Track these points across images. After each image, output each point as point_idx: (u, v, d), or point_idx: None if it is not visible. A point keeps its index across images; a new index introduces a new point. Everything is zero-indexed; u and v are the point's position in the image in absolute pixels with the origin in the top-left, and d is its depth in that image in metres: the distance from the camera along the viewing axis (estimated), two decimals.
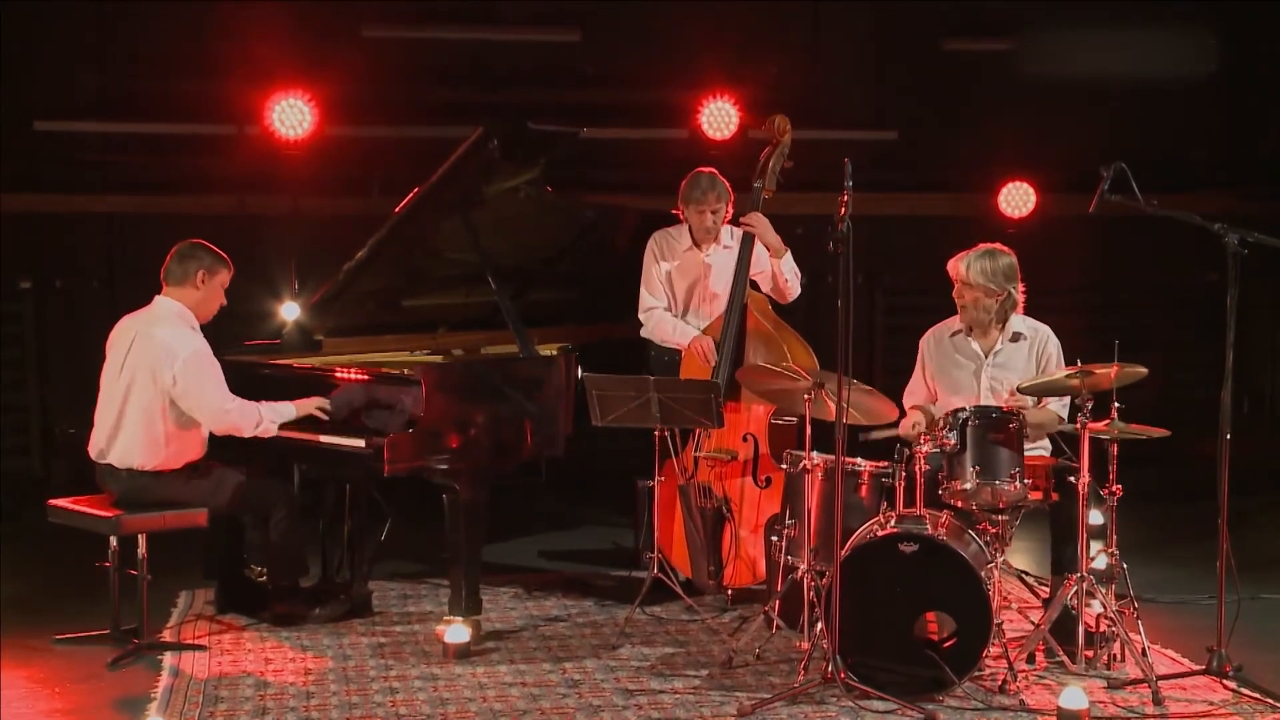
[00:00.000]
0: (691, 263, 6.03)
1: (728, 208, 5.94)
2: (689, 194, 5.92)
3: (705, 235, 5.96)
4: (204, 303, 5.43)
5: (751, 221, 5.85)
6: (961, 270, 5.37)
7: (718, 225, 5.94)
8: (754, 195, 5.90)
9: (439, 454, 5.36)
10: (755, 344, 5.82)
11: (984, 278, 5.33)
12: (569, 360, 5.81)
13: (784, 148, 5.91)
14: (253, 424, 5.35)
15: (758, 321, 5.85)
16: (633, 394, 5.43)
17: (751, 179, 5.92)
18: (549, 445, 5.69)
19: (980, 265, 5.34)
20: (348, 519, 5.88)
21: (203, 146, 8.27)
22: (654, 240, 6.07)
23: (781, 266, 5.92)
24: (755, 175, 5.92)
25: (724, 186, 5.92)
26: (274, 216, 8.30)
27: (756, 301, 5.91)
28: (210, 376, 5.33)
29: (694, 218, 5.93)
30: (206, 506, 5.36)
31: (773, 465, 5.71)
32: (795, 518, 5.20)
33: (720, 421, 5.45)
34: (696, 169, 5.98)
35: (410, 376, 5.44)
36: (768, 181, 5.90)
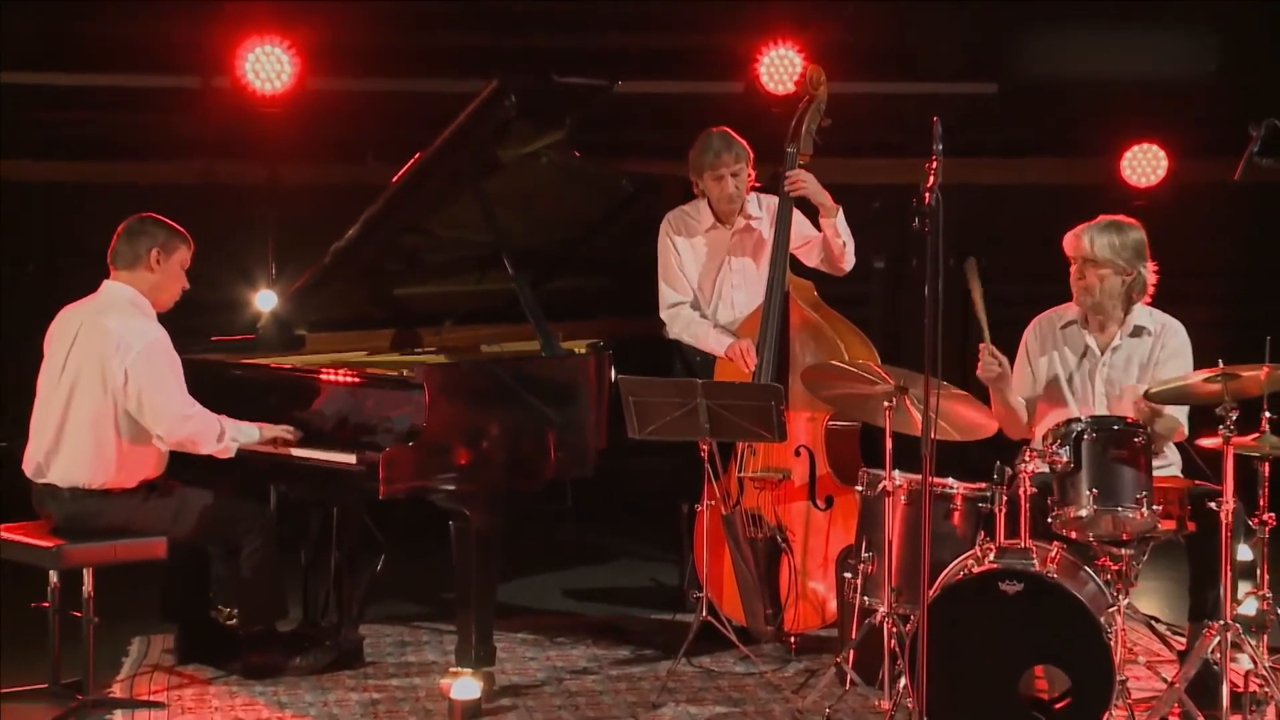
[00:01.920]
0: (716, 243, 6.07)
1: (749, 169, 5.98)
2: (701, 159, 5.98)
3: (728, 206, 6.00)
4: (161, 287, 5.46)
5: (799, 181, 5.88)
6: (1084, 245, 5.34)
7: (741, 191, 5.98)
8: (787, 160, 5.94)
9: (445, 472, 5.39)
10: (803, 339, 5.83)
11: (1111, 252, 5.30)
12: (600, 360, 5.83)
13: (819, 104, 5.95)
14: (214, 437, 5.37)
15: (803, 312, 5.87)
16: (677, 400, 5.44)
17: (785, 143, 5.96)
18: (576, 463, 5.71)
19: (1107, 238, 5.32)
20: (335, 550, 5.92)
21: (160, 102, 8.35)
22: (668, 222, 6.11)
23: (836, 226, 5.96)
24: (787, 138, 5.97)
25: (740, 145, 5.97)
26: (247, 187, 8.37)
27: (800, 287, 5.94)
28: (169, 374, 5.36)
29: (712, 186, 5.99)
30: (166, 534, 5.39)
31: (834, 482, 5.72)
32: (873, 550, 5.19)
33: (783, 433, 5.45)
34: (705, 130, 6.03)
35: (410, 379, 5.47)
36: (802, 144, 5.94)
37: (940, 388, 4.86)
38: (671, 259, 6.06)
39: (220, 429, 5.37)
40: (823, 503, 5.74)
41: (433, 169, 5.82)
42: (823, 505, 5.74)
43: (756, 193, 6.07)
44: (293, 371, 5.89)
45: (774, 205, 5.99)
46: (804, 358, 5.77)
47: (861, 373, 5.19)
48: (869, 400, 5.21)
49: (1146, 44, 8.61)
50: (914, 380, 5.06)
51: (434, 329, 6.50)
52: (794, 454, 5.78)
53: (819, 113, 5.93)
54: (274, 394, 5.74)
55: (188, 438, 5.35)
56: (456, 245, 6.35)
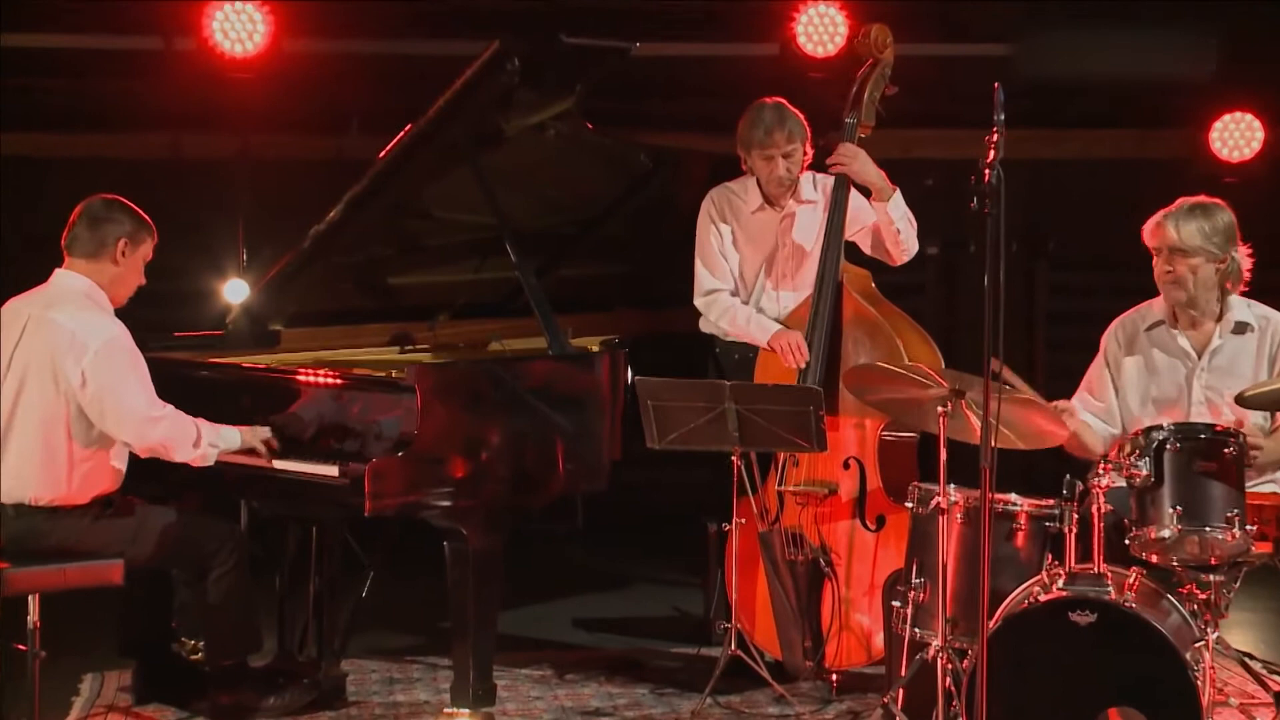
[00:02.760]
0: (763, 227, 6.06)
1: (806, 148, 5.96)
2: (750, 135, 5.95)
3: (779, 188, 5.99)
4: (121, 281, 5.49)
5: (844, 157, 5.86)
6: (1169, 233, 5.31)
7: (794, 173, 5.96)
8: (846, 132, 5.93)
9: (439, 486, 5.41)
10: (856, 336, 5.83)
11: (1202, 238, 5.28)
12: (616, 359, 5.84)
13: (884, 68, 5.93)
14: (189, 442, 5.39)
15: (858, 305, 5.86)
16: (703, 405, 5.45)
17: (843, 112, 5.94)
18: (588, 476, 5.73)
19: (1195, 224, 5.29)
20: (314, 574, 5.93)
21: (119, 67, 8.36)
22: (711, 200, 6.10)
23: (891, 211, 5.92)
24: (847, 107, 5.95)
25: (797, 120, 5.94)
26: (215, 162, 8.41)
27: (855, 278, 5.92)
28: (132, 374, 5.37)
29: (761, 166, 5.97)
30: (123, 556, 5.39)
31: (886, 500, 5.72)
32: (925, 576, 5.20)
33: (823, 442, 5.46)
34: (757, 101, 6.00)
35: (400, 380, 5.49)
36: (864, 114, 5.92)
37: (1001, 390, 4.86)
38: (712, 241, 6.05)
39: (196, 433, 5.38)
40: (873, 523, 5.74)
41: (426, 142, 5.83)
42: (873, 526, 5.74)
43: (812, 172, 6.05)
44: (267, 372, 5.91)
45: (828, 185, 5.98)
46: (857, 357, 5.77)
47: (911, 375, 5.19)
48: (920, 405, 5.20)
49: None
50: (972, 382, 5.06)
51: (427, 324, 6.52)
52: (842, 466, 5.78)
53: (884, 79, 5.91)
54: (246, 397, 5.76)
55: (159, 443, 5.36)
56: (452, 229, 6.36)
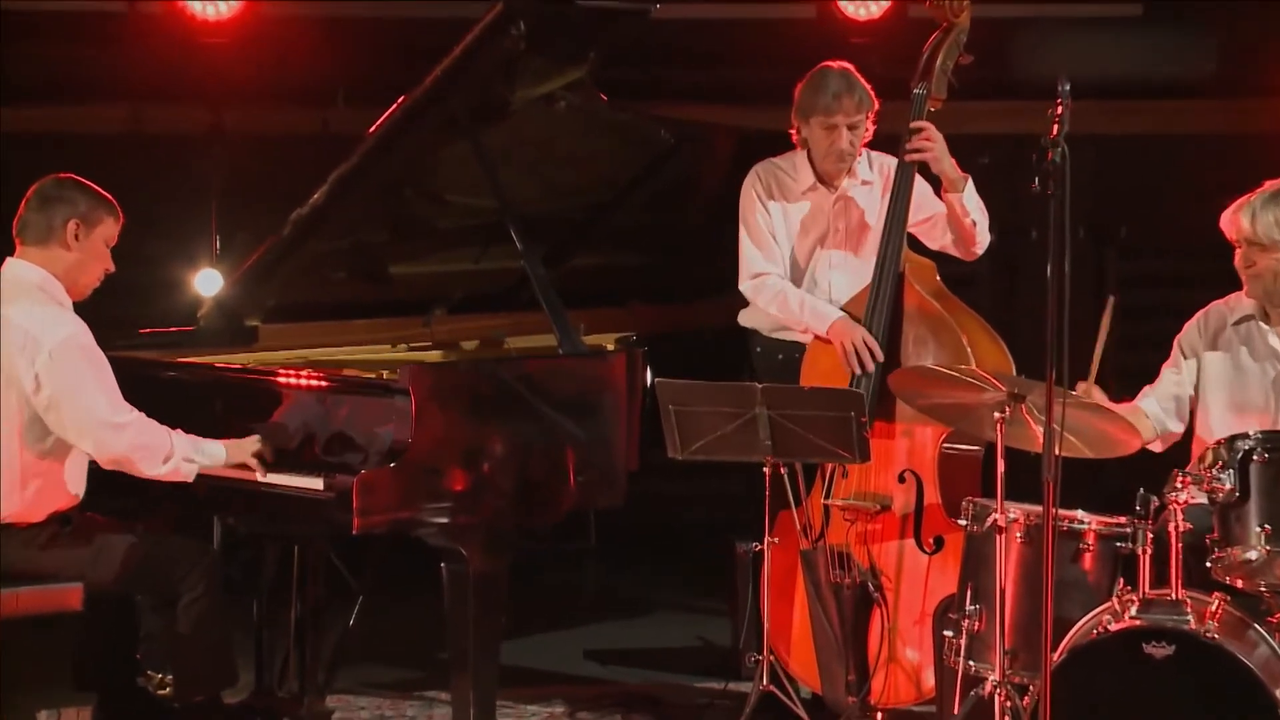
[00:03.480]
0: (814, 209, 6.04)
1: (869, 122, 5.95)
2: (812, 100, 5.91)
3: (837, 164, 5.97)
4: (79, 268, 5.47)
5: (923, 143, 5.83)
6: (1243, 224, 5.32)
7: (855, 148, 5.95)
8: (914, 105, 5.88)
9: (436, 501, 5.41)
10: (918, 334, 5.82)
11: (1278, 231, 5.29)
12: (633, 359, 5.84)
13: (959, 33, 5.90)
14: (160, 455, 5.38)
15: (921, 299, 5.85)
16: (731, 410, 5.44)
17: (910, 83, 5.90)
18: (602, 489, 5.73)
19: (1273, 214, 5.29)
20: (296, 599, 5.95)
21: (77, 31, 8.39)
22: (756, 176, 6.07)
23: (965, 202, 5.91)
24: (916, 76, 5.90)
25: (864, 90, 5.92)
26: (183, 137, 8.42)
27: (919, 269, 5.90)
28: (92, 376, 5.36)
29: (820, 137, 5.94)
30: (83, 580, 5.40)
31: (946, 520, 5.71)
32: (981, 602, 5.19)
33: (865, 453, 5.45)
34: (820, 64, 5.98)
35: (392, 383, 5.49)
36: (934, 85, 5.89)
37: (1066, 395, 4.85)
38: (760, 220, 6.01)
39: (169, 446, 5.38)
40: (929, 544, 5.72)
41: (421, 116, 5.84)
42: (929, 548, 5.72)
43: (867, 150, 6.03)
44: (243, 373, 5.92)
45: (889, 166, 5.96)
46: (918, 358, 5.75)
47: (966, 378, 5.18)
48: (975, 411, 5.19)
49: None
50: (1031, 385, 5.04)
51: (422, 319, 6.52)
52: (897, 480, 5.77)
53: (959, 46, 5.87)
54: (218, 401, 5.77)
55: (124, 454, 5.35)
56: (451, 213, 6.38)
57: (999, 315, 6.05)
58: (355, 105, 7.95)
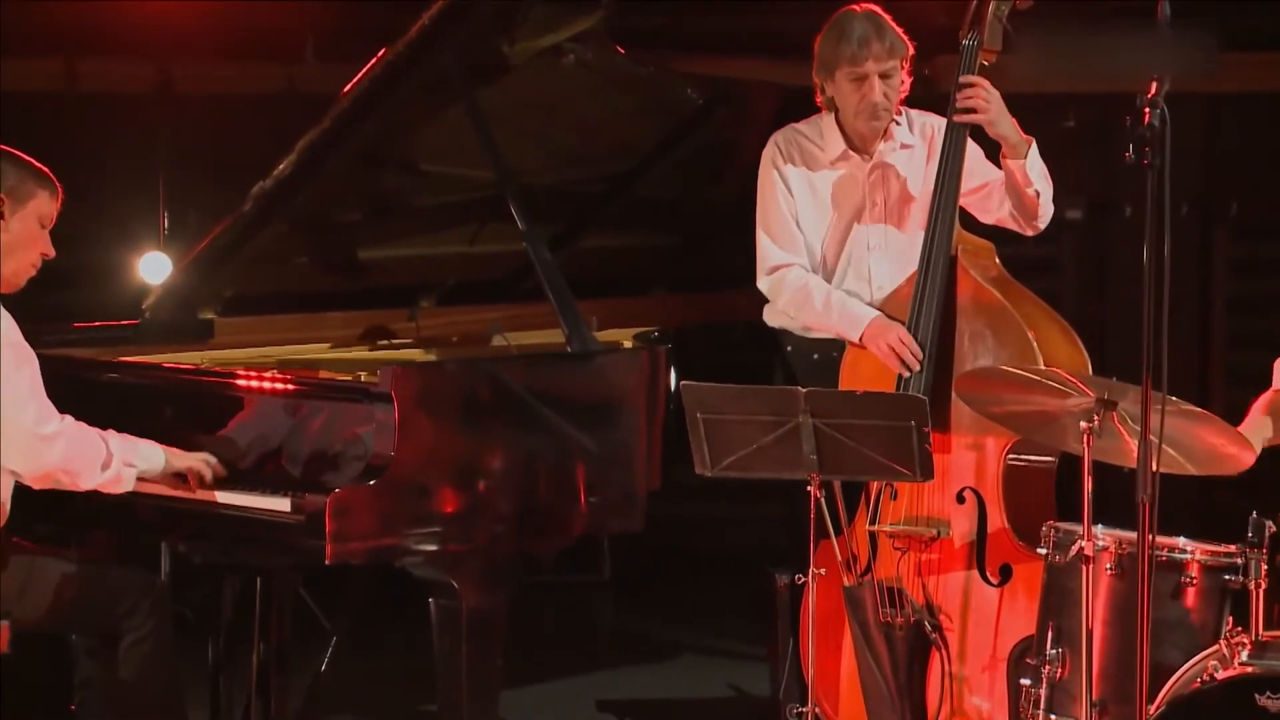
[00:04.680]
0: (847, 181, 6.05)
1: (904, 71, 5.97)
2: (836, 50, 5.90)
3: (870, 121, 5.96)
4: (11, 251, 5.46)
5: (979, 102, 5.83)
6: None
7: (891, 102, 5.94)
8: (963, 58, 5.87)
9: (423, 525, 5.46)
10: (975, 329, 5.82)
11: None
12: (655, 358, 5.91)
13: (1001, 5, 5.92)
14: (97, 462, 5.41)
15: (978, 287, 5.84)
16: (770, 418, 5.45)
17: (959, 34, 5.91)
18: (618, 512, 5.80)
19: None
20: (259, 640, 5.98)
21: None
22: (775, 147, 6.07)
23: (1029, 170, 5.90)
24: (964, 26, 5.90)
25: (895, 33, 5.92)
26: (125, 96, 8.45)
27: (974, 250, 5.90)
28: (19, 379, 5.37)
29: (849, 92, 5.94)
30: (9, 617, 5.42)
31: (1014, 545, 5.73)
32: (1064, 644, 5.23)
33: (928, 470, 5.47)
34: (843, 9, 5.98)
35: (372, 386, 5.53)
36: (986, 37, 5.86)
37: (1167, 401, 4.90)
38: (779, 201, 6.01)
39: (105, 450, 5.41)
40: (995, 574, 5.74)
41: (405, 73, 5.88)
42: (995, 579, 5.74)
43: (907, 109, 6.05)
44: (196, 375, 5.96)
45: (935, 128, 5.98)
46: (975, 356, 5.76)
47: (1046, 380, 5.21)
48: (1057, 419, 5.20)
49: None
50: (1124, 391, 5.06)
51: (407, 312, 6.62)
52: (955, 500, 5.79)
53: (1000, 19, 5.86)
54: (168, 407, 5.83)
55: (59, 467, 5.38)
56: (440, 186, 6.45)
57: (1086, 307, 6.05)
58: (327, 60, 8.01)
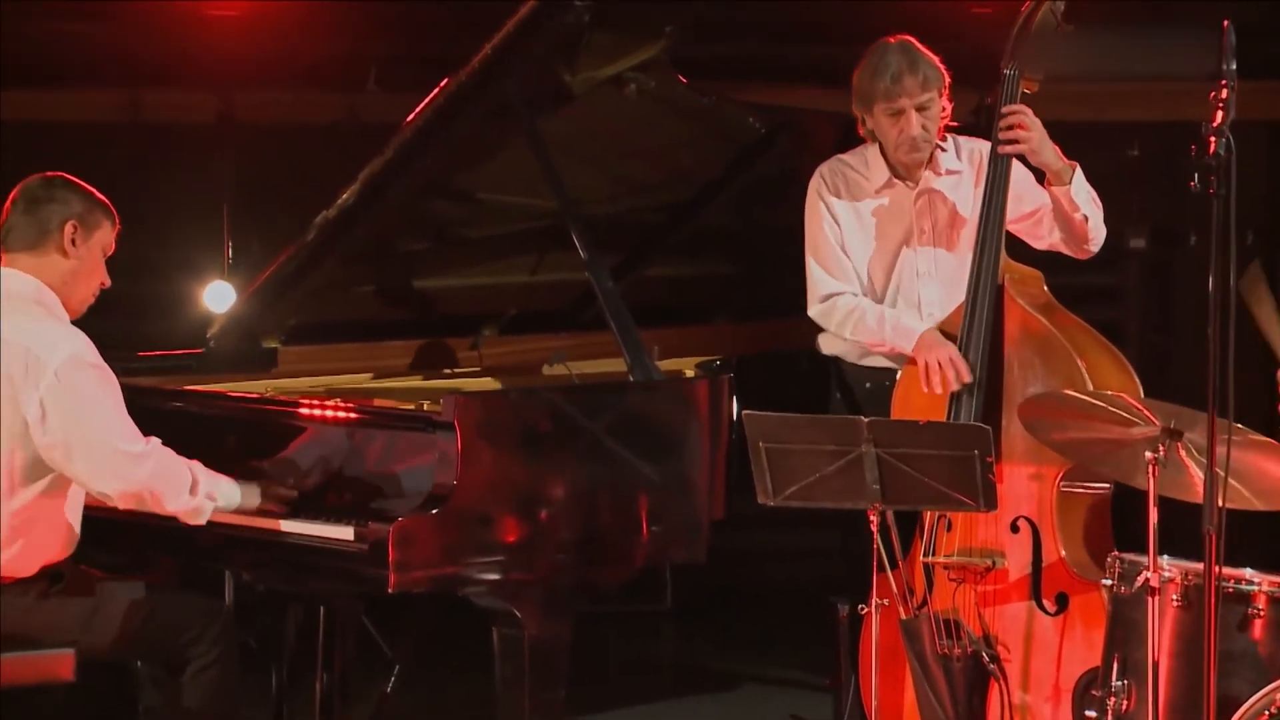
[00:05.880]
0: (893, 210, 6.07)
1: (943, 99, 5.97)
2: (871, 85, 5.93)
3: (912, 153, 5.98)
4: (76, 279, 5.51)
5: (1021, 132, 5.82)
6: None
7: (931, 133, 5.96)
8: (1004, 88, 5.88)
9: (486, 554, 5.46)
10: (1024, 357, 5.81)
11: None
12: (718, 387, 5.89)
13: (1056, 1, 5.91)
14: (184, 485, 5.41)
15: (1025, 315, 5.84)
16: (833, 448, 5.45)
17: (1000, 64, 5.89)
18: (680, 542, 5.78)
19: None
20: (323, 668, 6.01)
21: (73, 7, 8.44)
22: (821, 179, 6.10)
23: (1075, 196, 5.90)
24: (1006, 56, 5.90)
25: (931, 63, 5.93)
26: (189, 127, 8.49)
27: (1021, 279, 5.89)
28: (106, 398, 5.38)
29: (887, 126, 5.96)
30: (76, 646, 5.42)
31: (1069, 574, 5.71)
32: (1130, 677, 5.20)
33: (992, 500, 5.45)
34: (878, 42, 5.99)
35: (434, 415, 5.53)
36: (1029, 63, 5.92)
37: (1233, 431, 4.85)
38: (826, 231, 6.05)
39: (192, 477, 5.42)
40: (1052, 604, 5.73)
41: (467, 102, 5.90)
42: (1052, 608, 5.72)
43: (954, 135, 6.07)
44: (260, 403, 5.98)
45: (982, 154, 5.98)
46: (1025, 385, 5.75)
47: (1110, 407, 5.19)
48: (1122, 449, 5.19)
49: None
50: (1192, 420, 5.05)
51: (470, 341, 6.63)
52: (1009, 529, 5.78)
53: (1055, 13, 5.91)
54: (231, 436, 5.84)
55: (145, 488, 5.37)
56: (502, 216, 6.46)
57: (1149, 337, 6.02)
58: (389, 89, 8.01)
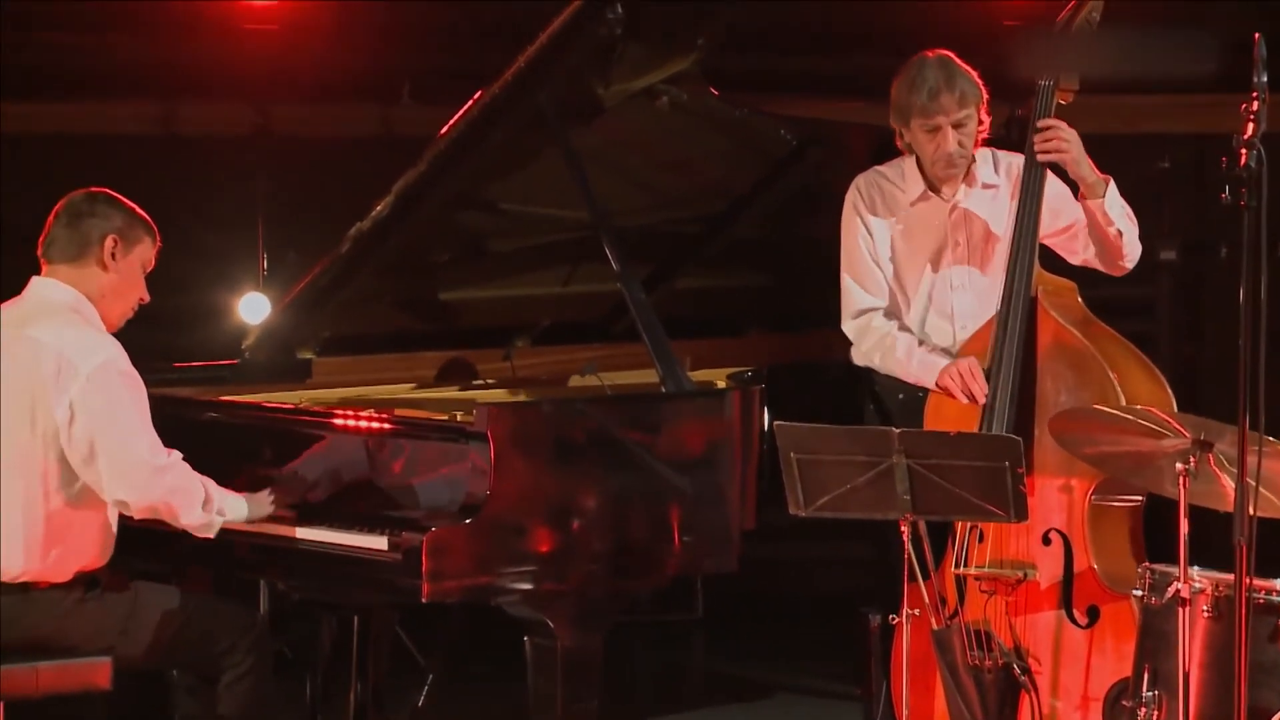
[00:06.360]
0: (927, 222, 6.06)
1: (981, 114, 5.96)
2: (908, 100, 5.92)
3: (948, 168, 5.98)
4: (115, 292, 5.55)
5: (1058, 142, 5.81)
6: None
7: (967, 148, 5.96)
8: (1039, 99, 5.87)
9: (518, 564, 5.47)
10: (1056, 370, 5.80)
11: None
12: (749, 398, 5.89)
13: (1092, 10, 5.88)
14: (198, 500, 5.45)
15: (1058, 327, 5.83)
16: (865, 459, 5.44)
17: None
18: (712, 552, 5.77)
19: None
20: (357, 678, 6.01)
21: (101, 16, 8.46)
22: (857, 191, 6.10)
23: (1109, 210, 5.89)
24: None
25: (969, 78, 5.92)
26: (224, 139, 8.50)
27: (1054, 290, 5.88)
28: (133, 408, 5.43)
29: (924, 141, 5.96)
30: (111, 653, 5.45)
31: (1099, 586, 5.70)
32: (1161, 688, 5.19)
33: (1023, 511, 5.45)
34: (915, 56, 5.98)
35: (468, 426, 5.55)
36: (1062, 77, 5.89)
37: (1264, 443, 4.84)
38: (861, 244, 6.05)
39: (206, 493, 5.45)
40: (1083, 616, 5.72)
41: (500, 115, 5.91)
42: (1084, 620, 5.72)
43: (991, 148, 6.05)
44: (295, 414, 5.99)
45: (1019, 168, 5.94)
46: (1057, 397, 5.74)
47: (1140, 420, 5.18)
48: (1153, 461, 5.18)
49: None
50: (1220, 432, 5.02)
51: (502, 352, 6.63)
52: (1041, 541, 5.77)
53: (1091, 23, 5.88)
54: (267, 447, 5.86)
55: (162, 501, 5.41)
56: (535, 228, 6.47)
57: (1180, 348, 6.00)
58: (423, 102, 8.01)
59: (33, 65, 8.45)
